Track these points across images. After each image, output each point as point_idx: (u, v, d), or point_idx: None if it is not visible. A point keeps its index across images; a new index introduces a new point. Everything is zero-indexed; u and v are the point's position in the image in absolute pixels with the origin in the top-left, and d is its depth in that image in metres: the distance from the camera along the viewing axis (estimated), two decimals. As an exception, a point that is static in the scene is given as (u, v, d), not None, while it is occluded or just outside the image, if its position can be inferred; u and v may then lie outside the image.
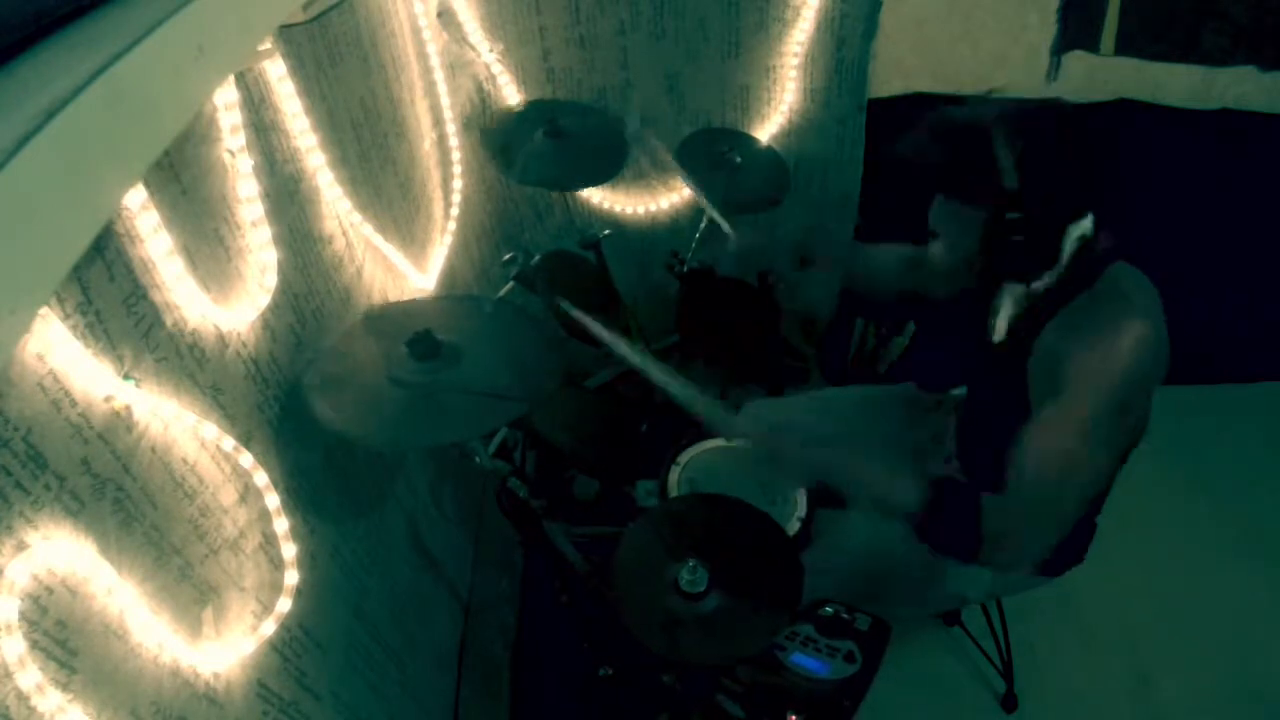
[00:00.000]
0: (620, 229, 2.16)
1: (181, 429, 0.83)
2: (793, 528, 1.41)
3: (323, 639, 1.14)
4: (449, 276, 1.81)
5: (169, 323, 0.82)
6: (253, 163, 0.97)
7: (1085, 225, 1.10)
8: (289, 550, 1.02)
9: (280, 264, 1.04)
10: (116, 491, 0.73)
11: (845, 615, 1.26)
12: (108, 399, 0.72)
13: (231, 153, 0.94)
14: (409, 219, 1.58)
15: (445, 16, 1.77)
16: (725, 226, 1.63)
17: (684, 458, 1.53)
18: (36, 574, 0.62)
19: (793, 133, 2.04)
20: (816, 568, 1.33)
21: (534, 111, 1.81)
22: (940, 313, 1.69)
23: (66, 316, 0.66)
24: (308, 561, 1.11)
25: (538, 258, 1.69)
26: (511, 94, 1.93)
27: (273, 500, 0.99)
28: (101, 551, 0.70)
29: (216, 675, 0.87)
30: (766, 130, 2.05)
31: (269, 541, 1.01)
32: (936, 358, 2.14)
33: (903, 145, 1.14)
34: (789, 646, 1.23)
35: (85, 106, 0.53)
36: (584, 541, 1.46)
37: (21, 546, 0.61)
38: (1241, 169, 2.17)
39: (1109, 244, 1.12)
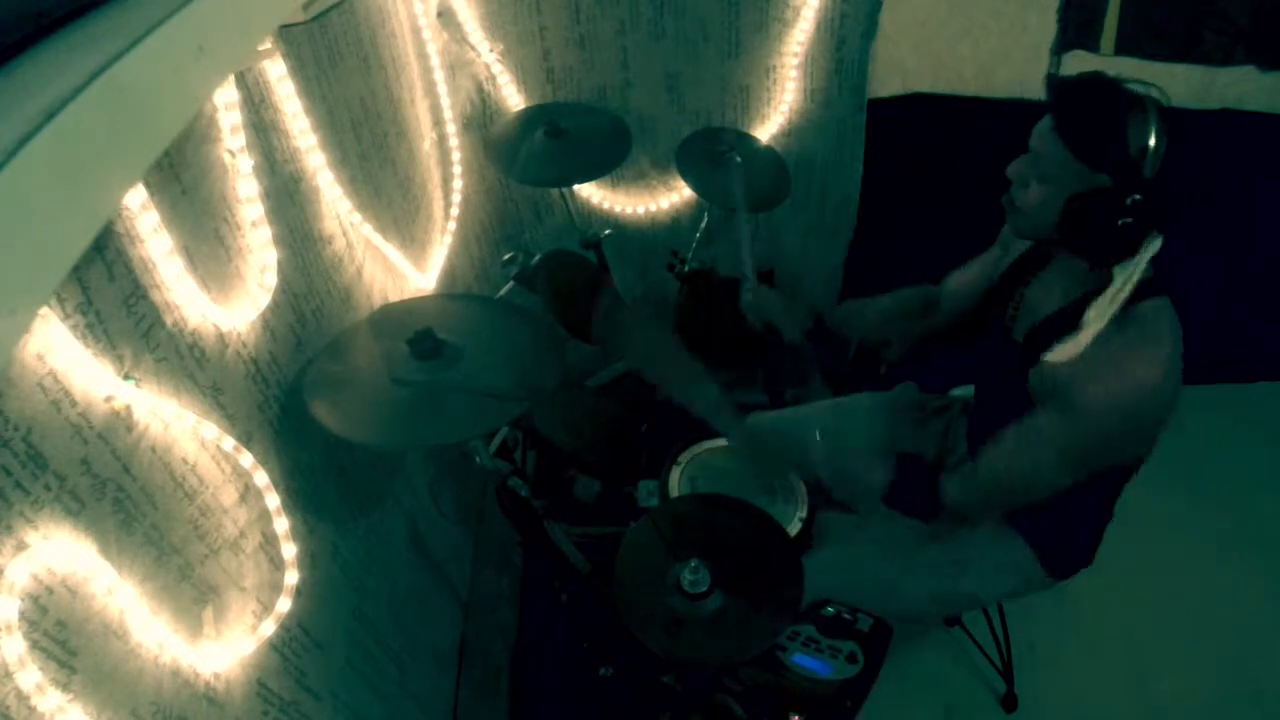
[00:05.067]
0: (620, 229, 2.15)
1: (181, 429, 0.83)
2: (794, 528, 1.41)
3: (323, 639, 1.14)
4: (449, 276, 1.81)
5: (169, 323, 0.82)
6: (253, 163, 0.97)
7: (1157, 245, 1.09)
8: (289, 550, 1.01)
9: (280, 264, 1.04)
10: (116, 491, 0.73)
11: (847, 616, 1.26)
12: (108, 399, 0.72)
13: (231, 153, 0.94)
14: (409, 219, 1.58)
15: (445, 16, 1.77)
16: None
17: (684, 458, 1.53)
18: (36, 574, 0.62)
19: (793, 133, 2.04)
20: (824, 573, 1.34)
21: (534, 113, 1.81)
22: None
23: (66, 316, 0.66)
24: (308, 561, 1.11)
25: (538, 258, 1.69)
26: (512, 94, 1.93)
27: (273, 500, 0.98)
28: (101, 551, 0.70)
29: (216, 675, 0.87)
30: (766, 130, 2.05)
31: (269, 541, 1.01)
32: (937, 357, 2.14)
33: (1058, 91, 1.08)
34: (790, 647, 1.23)
35: (85, 106, 0.53)
36: (585, 541, 1.45)
37: (21, 546, 0.61)
38: (1241, 169, 2.17)
39: (1149, 276, 1.12)
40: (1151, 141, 1.02)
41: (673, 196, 2.17)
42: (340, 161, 1.24)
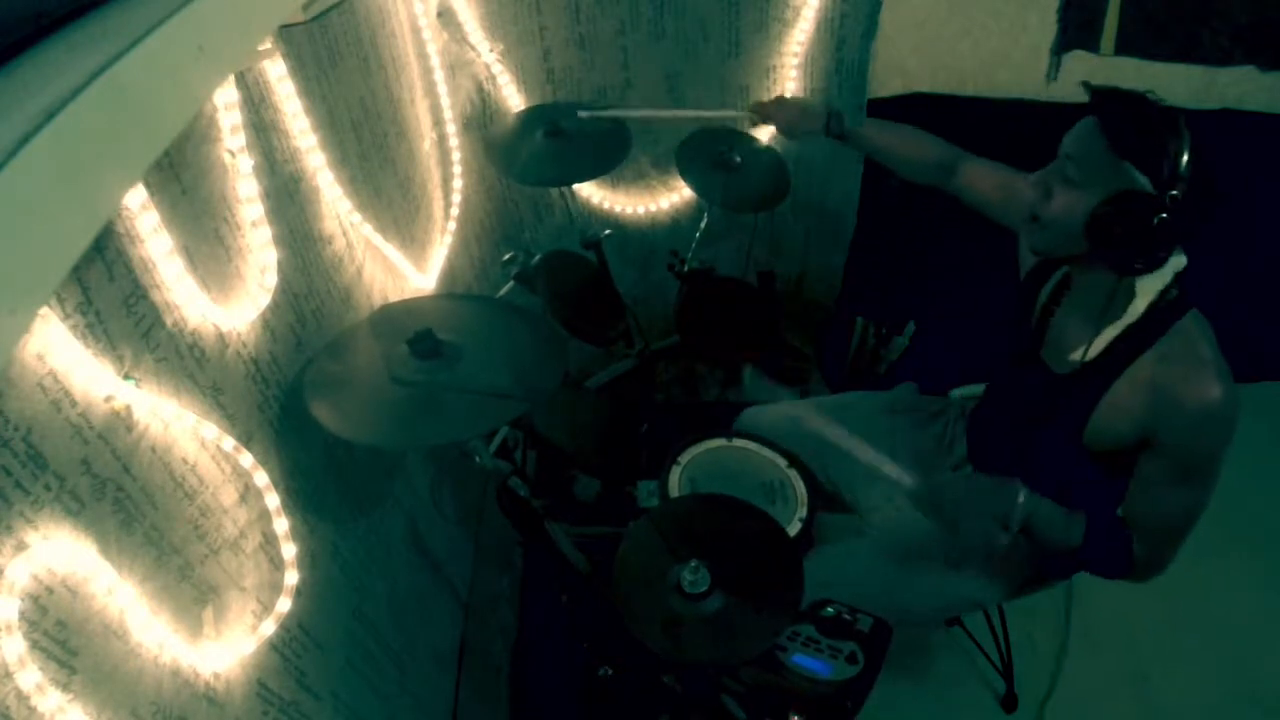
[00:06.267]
0: (620, 229, 2.15)
1: (181, 429, 0.83)
2: (794, 528, 1.41)
3: (323, 639, 1.14)
4: (449, 276, 1.81)
5: (169, 323, 0.82)
6: (253, 163, 0.97)
7: (1183, 260, 1.11)
8: (289, 550, 1.02)
9: (280, 264, 1.04)
10: (116, 491, 0.73)
11: (847, 616, 1.26)
12: (108, 399, 0.72)
13: (231, 153, 0.94)
14: (409, 219, 1.58)
15: (445, 16, 1.77)
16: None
17: (685, 458, 1.53)
18: (36, 574, 0.62)
19: (793, 133, 2.04)
20: (827, 577, 1.34)
21: (535, 113, 1.81)
22: (942, 313, 1.67)
23: (66, 316, 0.66)
24: (308, 561, 1.11)
25: (538, 258, 1.69)
26: (512, 94, 1.93)
27: (273, 500, 0.98)
28: (102, 551, 0.70)
29: (216, 675, 0.87)
30: (766, 130, 2.04)
31: (269, 541, 1.01)
32: (937, 358, 2.14)
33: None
34: (790, 647, 1.22)
35: (85, 106, 0.53)
36: (585, 541, 1.46)
37: (21, 546, 0.61)
38: (1241, 169, 2.17)
39: (1174, 297, 1.14)
40: (1187, 151, 1.03)
41: (673, 196, 2.17)
42: (340, 161, 1.24)
